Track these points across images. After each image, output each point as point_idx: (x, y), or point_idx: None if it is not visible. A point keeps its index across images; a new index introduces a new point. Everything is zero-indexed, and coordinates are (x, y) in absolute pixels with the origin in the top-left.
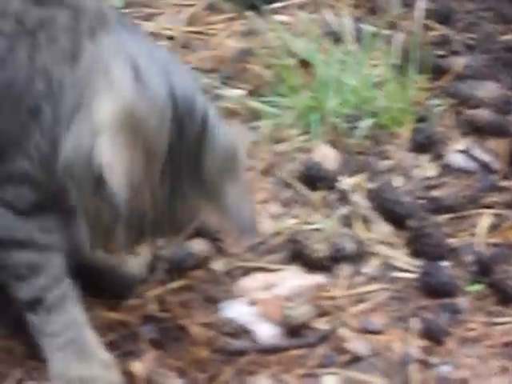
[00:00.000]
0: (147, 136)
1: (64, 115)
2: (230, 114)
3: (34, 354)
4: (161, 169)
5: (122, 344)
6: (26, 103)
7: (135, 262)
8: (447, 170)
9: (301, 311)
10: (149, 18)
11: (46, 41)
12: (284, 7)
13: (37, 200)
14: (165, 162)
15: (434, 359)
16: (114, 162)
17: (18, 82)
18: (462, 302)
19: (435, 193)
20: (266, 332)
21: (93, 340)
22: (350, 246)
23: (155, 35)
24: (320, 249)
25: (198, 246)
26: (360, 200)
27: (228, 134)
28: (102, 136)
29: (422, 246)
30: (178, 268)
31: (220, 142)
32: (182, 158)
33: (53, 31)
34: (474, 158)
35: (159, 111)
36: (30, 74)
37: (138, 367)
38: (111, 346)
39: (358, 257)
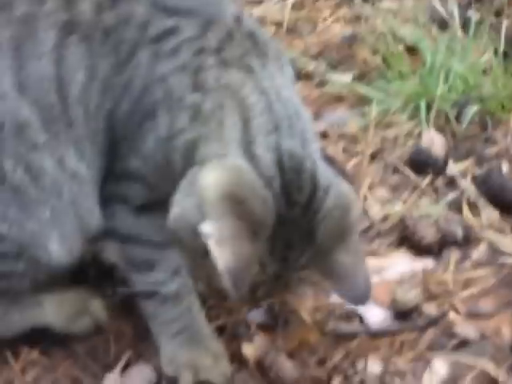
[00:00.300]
0: (253, 209)
1: (178, 137)
2: (337, 99)
3: (144, 337)
4: (270, 239)
5: (232, 327)
6: (142, 106)
7: None
8: None
9: (410, 295)
10: (256, 3)
11: (168, 50)
12: None
13: (150, 199)
14: (274, 230)
15: None
16: (219, 239)
17: (136, 86)
18: None
19: None
20: (376, 316)
21: (205, 329)
22: (458, 231)
23: (262, 20)
24: (428, 233)
25: None
26: (468, 185)
27: (339, 195)
28: (206, 210)
29: None
30: None
31: (331, 206)
32: (292, 224)
33: (176, 42)
34: None
35: (265, 181)
36: (148, 81)
37: (248, 350)
38: (222, 329)
39: (467, 242)
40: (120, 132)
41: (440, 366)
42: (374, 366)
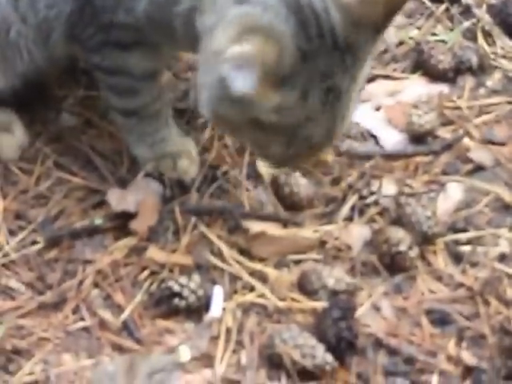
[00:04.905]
0: (269, 52)
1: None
2: None
3: None
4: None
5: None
6: None
7: None
8: None
9: (426, 119)
10: None
11: None
12: None
13: (139, 40)
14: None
15: None
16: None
17: None
18: None
19: None
20: (391, 138)
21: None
22: (473, 59)
23: None
24: (444, 60)
25: None
26: (483, 14)
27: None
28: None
29: None
30: None
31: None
32: (323, 56)
33: None
34: None
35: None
36: None
37: (263, 168)
38: None
39: (481, 69)
40: None
41: (455, 190)
42: (388, 187)
